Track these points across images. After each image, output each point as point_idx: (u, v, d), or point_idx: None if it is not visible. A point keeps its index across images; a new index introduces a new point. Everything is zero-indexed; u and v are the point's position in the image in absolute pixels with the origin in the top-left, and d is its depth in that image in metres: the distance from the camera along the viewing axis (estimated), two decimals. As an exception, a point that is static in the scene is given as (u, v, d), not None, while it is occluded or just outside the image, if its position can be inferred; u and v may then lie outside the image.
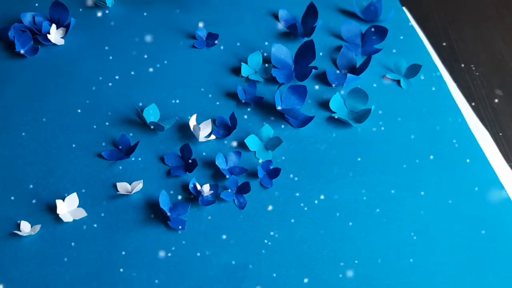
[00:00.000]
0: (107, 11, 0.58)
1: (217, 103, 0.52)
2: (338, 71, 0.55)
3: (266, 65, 0.54)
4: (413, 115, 0.52)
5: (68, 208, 0.44)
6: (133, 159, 0.47)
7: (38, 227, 0.43)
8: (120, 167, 0.47)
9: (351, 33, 0.58)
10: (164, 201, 0.44)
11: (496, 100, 0.54)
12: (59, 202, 0.43)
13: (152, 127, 0.49)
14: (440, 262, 0.43)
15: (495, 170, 0.49)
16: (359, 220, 0.45)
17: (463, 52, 0.60)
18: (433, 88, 0.54)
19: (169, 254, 0.42)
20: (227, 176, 0.46)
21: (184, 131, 0.49)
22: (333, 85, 0.53)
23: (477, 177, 0.48)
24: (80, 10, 0.58)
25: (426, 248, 0.44)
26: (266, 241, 0.43)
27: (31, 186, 0.45)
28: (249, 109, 0.51)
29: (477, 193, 0.47)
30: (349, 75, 0.53)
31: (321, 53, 0.56)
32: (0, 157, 0.47)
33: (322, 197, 0.46)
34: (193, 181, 0.45)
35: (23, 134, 0.48)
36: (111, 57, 0.54)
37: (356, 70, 0.55)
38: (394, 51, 0.57)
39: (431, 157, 0.49)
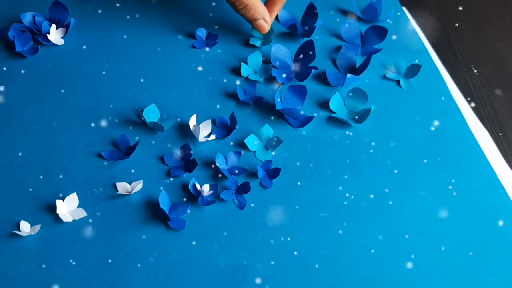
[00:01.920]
0: (102, 12, 0.58)
1: (217, 103, 0.52)
2: (338, 71, 0.55)
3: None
4: (412, 115, 0.52)
5: (68, 208, 0.44)
6: (132, 159, 0.47)
7: (38, 227, 0.43)
8: (120, 167, 0.47)
9: (351, 33, 0.58)
10: (164, 201, 0.44)
11: (496, 94, 0.54)
12: (59, 202, 0.43)
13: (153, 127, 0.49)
14: (439, 263, 0.43)
15: (495, 170, 0.49)
16: (360, 219, 0.45)
17: (463, 52, 0.60)
18: (433, 88, 0.54)
19: (169, 254, 0.42)
20: (227, 176, 0.46)
21: (184, 131, 0.49)
22: (333, 85, 0.54)
23: (477, 177, 0.48)
24: (80, 10, 0.58)
25: (425, 248, 0.44)
26: (266, 241, 0.43)
27: (31, 186, 0.45)
28: (249, 109, 0.51)
29: (477, 193, 0.47)
30: (349, 75, 0.53)
31: (321, 53, 0.56)
32: (0, 157, 0.47)
33: (322, 197, 0.46)
34: (192, 181, 0.45)
35: (23, 134, 0.48)
36: (110, 57, 0.54)
37: (356, 70, 0.55)
38: (393, 50, 0.57)
39: (431, 157, 0.49)
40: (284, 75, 0.53)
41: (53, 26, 0.54)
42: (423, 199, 0.46)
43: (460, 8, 0.65)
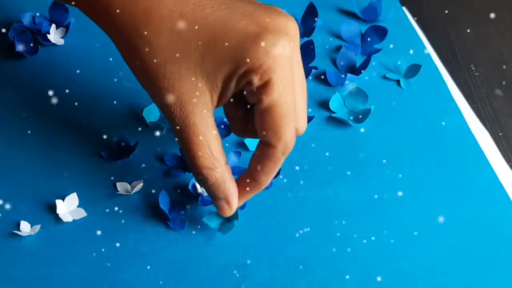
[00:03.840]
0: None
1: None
2: (338, 71, 0.55)
3: None
4: (412, 115, 0.52)
5: (68, 208, 0.44)
6: (132, 159, 0.47)
7: (38, 227, 0.43)
8: (120, 167, 0.47)
9: (351, 33, 0.58)
10: (164, 201, 0.44)
11: (496, 94, 0.54)
12: (59, 202, 0.43)
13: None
14: (439, 262, 0.43)
15: (495, 170, 0.49)
16: (359, 220, 0.45)
17: (463, 52, 0.60)
18: (433, 88, 0.54)
19: (169, 254, 0.42)
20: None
21: (184, 131, 0.49)
22: (333, 85, 0.54)
23: (477, 177, 0.48)
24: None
25: (425, 248, 0.44)
26: (266, 241, 0.43)
27: (31, 186, 0.45)
28: (249, 109, 0.51)
29: (477, 193, 0.47)
30: (349, 75, 0.53)
31: (320, 53, 0.56)
32: (0, 157, 0.47)
33: (322, 197, 0.46)
34: (192, 181, 0.45)
35: (23, 134, 0.48)
36: (111, 58, 0.54)
37: (356, 70, 0.55)
38: (393, 50, 0.57)
39: (431, 156, 0.49)
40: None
41: (53, 26, 0.54)
42: (423, 198, 0.46)
43: (460, 7, 0.65)
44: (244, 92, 0.36)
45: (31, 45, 0.54)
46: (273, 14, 0.36)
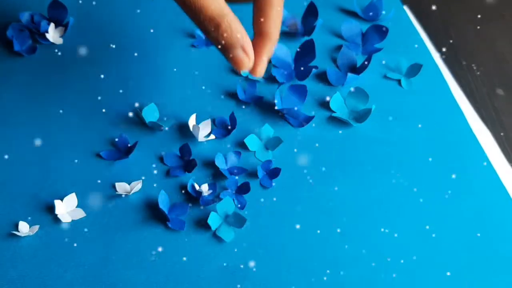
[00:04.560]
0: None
1: (217, 102, 0.51)
2: (338, 71, 0.55)
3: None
4: (413, 115, 0.52)
5: (67, 208, 0.44)
6: (132, 159, 0.47)
7: (36, 228, 0.42)
8: (119, 167, 0.47)
9: (351, 32, 0.57)
10: (163, 201, 0.44)
11: (498, 94, 0.54)
12: (57, 202, 0.43)
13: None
14: (439, 262, 0.43)
15: (496, 170, 0.49)
16: (359, 220, 0.45)
17: (464, 51, 0.60)
18: (434, 88, 0.54)
19: (169, 255, 0.42)
20: (227, 176, 0.46)
21: (184, 131, 0.49)
22: (333, 84, 0.53)
23: (478, 178, 0.48)
24: (79, 9, 0.58)
25: (425, 248, 0.44)
26: (265, 241, 0.43)
27: (29, 186, 0.45)
28: (248, 109, 0.51)
29: (478, 194, 0.47)
30: (349, 74, 0.52)
31: (321, 53, 0.56)
32: (-1, 157, 0.46)
33: (322, 197, 0.46)
34: (190, 181, 0.45)
35: (22, 133, 0.48)
36: (109, 57, 0.54)
37: (356, 70, 0.54)
38: (394, 49, 0.57)
39: (431, 156, 0.49)
40: (284, 75, 0.53)
41: (52, 25, 0.54)
42: (424, 199, 0.46)
43: (462, 7, 0.64)
44: None
45: (30, 44, 0.54)
46: None
